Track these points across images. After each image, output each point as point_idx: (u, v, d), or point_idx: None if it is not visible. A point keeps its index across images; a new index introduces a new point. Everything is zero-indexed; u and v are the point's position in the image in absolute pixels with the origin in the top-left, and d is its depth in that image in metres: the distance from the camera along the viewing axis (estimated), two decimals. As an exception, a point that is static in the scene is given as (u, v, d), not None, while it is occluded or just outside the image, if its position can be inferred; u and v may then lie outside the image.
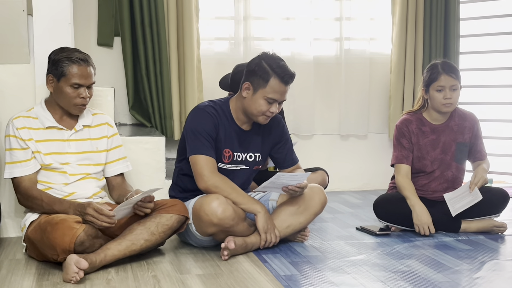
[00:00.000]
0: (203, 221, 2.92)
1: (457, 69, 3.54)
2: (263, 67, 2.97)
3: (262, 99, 2.98)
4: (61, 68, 2.93)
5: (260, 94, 2.98)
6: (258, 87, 2.98)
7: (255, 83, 2.99)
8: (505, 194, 3.55)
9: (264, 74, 2.97)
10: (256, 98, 2.99)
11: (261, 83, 2.97)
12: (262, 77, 2.97)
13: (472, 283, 2.62)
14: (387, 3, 5.02)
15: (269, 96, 2.97)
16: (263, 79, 2.97)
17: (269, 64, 2.97)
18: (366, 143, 5.17)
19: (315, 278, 2.68)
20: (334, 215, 4.06)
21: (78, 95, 2.96)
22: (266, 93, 2.97)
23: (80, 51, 3.00)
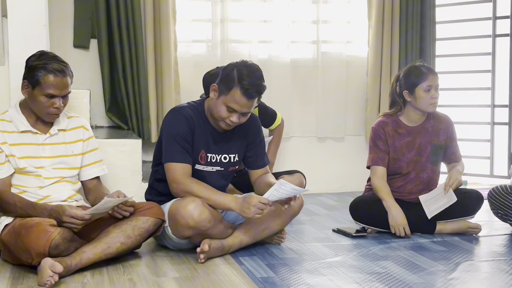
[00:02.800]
0: (180, 224, 2.92)
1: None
2: (231, 75, 2.95)
3: (223, 105, 2.96)
4: (37, 76, 2.88)
5: (222, 100, 2.96)
6: (222, 93, 2.97)
7: (221, 88, 2.98)
8: (480, 196, 3.60)
9: (229, 82, 2.94)
10: (219, 103, 2.98)
11: (225, 90, 2.96)
12: (227, 85, 2.95)
13: (447, 284, 2.64)
14: (363, 6, 5.05)
15: (229, 105, 2.95)
16: (227, 86, 2.95)
17: (240, 74, 2.93)
18: (343, 145, 5.20)
19: (291, 280, 2.69)
20: (311, 217, 4.07)
21: (51, 105, 2.92)
22: (227, 101, 2.95)
23: (58, 60, 2.93)
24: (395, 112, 3.63)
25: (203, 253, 2.91)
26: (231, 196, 3.02)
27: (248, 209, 2.89)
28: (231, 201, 2.96)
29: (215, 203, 2.96)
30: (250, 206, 2.89)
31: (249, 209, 2.89)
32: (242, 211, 2.92)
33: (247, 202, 2.91)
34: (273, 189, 2.91)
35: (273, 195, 2.92)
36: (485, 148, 5.33)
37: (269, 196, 2.92)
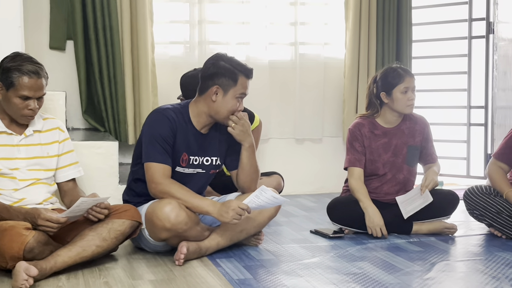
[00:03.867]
0: (156, 226, 2.90)
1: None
2: (227, 68, 2.99)
3: (233, 99, 3.01)
4: (11, 78, 2.85)
5: (232, 94, 3.00)
6: (229, 88, 3.00)
7: (224, 84, 2.99)
8: (455, 196, 3.63)
9: (231, 74, 2.99)
10: (228, 99, 3.01)
11: (231, 83, 2.99)
12: (231, 77, 2.99)
13: (423, 284, 2.66)
14: (341, 8, 5.07)
15: (239, 93, 3.01)
16: (232, 78, 2.99)
17: (231, 64, 3.01)
18: (321, 147, 5.22)
19: (268, 281, 2.69)
20: (289, 218, 4.08)
21: (26, 107, 2.89)
22: (237, 91, 3.01)
23: (33, 62, 2.90)
24: (371, 113, 3.65)
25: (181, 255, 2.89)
26: (209, 200, 3.01)
27: (227, 213, 2.89)
28: (209, 205, 2.96)
29: (193, 206, 2.95)
30: (228, 210, 2.88)
31: (227, 213, 2.89)
32: (220, 215, 2.91)
33: (226, 206, 2.90)
34: (253, 195, 2.91)
35: (253, 201, 2.92)
36: (461, 149, 5.37)
37: (249, 202, 2.91)
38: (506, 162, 3.51)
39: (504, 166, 3.52)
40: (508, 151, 3.51)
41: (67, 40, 4.58)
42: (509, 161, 3.50)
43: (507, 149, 3.51)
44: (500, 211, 3.46)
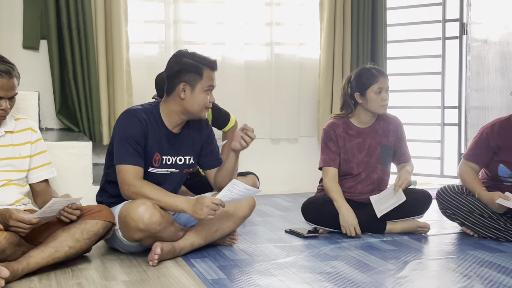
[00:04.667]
0: (130, 227, 2.89)
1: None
2: (191, 63, 2.99)
3: (202, 93, 3.01)
4: None
5: (200, 88, 3.00)
6: (195, 82, 3.00)
7: (190, 80, 2.99)
8: (428, 196, 3.66)
9: (196, 69, 2.99)
10: (197, 94, 3.00)
11: (197, 78, 2.99)
12: (196, 72, 2.99)
13: (395, 283, 2.68)
14: (316, 9, 5.09)
15: (206, 86, 3.01)
16: (197, 73, 2.99)
17: (193, 59, 3.01)
18: (296, 147, 5.23)
19: (242, 281, 2.69)
20: (264, 218, 4.08)
21: None
22: (204, 85, 3.00)
23: (4, 61, 2.86)
24: (346, 114, 3.67)
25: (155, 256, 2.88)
26: (182, 197, 3.00)
27: (201, 210, 2.89)
28: (183, 202, 2.95)
29: (166, 205, 2.94)
30: (202, 207, 2.88)
31: (201, 210, 2.89)
32: (195, 212, 2.91)
33: (199, 203, 2.90)
34: (226, 189, 2.92)
35: (226, 195, 2.92)
36: (435, 148, 5.43)
37: (222, 196, 2.92)
38: (476, 162, 3.55)
39: (475, 166, 3.56)
40: (477, 151, 3.55)
41: (41, 40, 4.54)
42: (479, 161, 3.55)
43: (476, 150, 3.56)
44: (472, 210, 3.50)
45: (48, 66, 4.48)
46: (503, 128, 3.51)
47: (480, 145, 3.54)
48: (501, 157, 3.49)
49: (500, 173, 3.49)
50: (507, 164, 3.47)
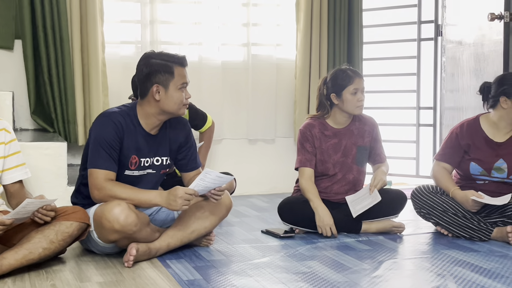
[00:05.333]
0: (105, 228, 2.87)
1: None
2: (160, 63, 2.98)
3: (177, 91, 2.99)
4: None
5: (173, 87, 2.99)
6: (168, 82, 2.98)
7: (162, 80, 2.98)
8: (403, 196, 3.69)
9: (166, 68, 2.98)
10: (172, 93, 2.99)
11: (168, 77, 2.98)
12: (166, 71, 2.97)
13: (370, 282, 2.70)
14: (292, 10, 5.11)
15: (180, 84, 2.99)
16: (168, 72, 2.98)
17: (161, 58, 3.00)
18: (273, 147, 5.24)
19: (217, 282, 2.69)
20: (241, 218, 4.09)
21: None
22: (177, 83, 2.99)
23: None
24: (322, 114, 3.69)
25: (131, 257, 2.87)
26: (155, 191, 2.99)
27: (175, 201, 2.89)
28: (156, 196, 2.95)
29: (140, 202, 2.93)
30: (176, 198, 2.88)
31: (175, 202, 2.89)
32: (169, 204, 2.91)
33: (173, 194, 2.90)
34: (198, 179, 2.93)
35: (199, 184, 2.93)
36: (411, 149, 5.47)
37: (195, 186, 2.93)
38: (448, 162, 3.59)
39: (447, 166, 3.60)
40: (448, 151, 3.60)
41: (15, 39, 4.49)
42: (451, 161, 3.59)
43: (447, 150, 3.60)
44: (446, 209, 3.54)
45: (23, 66, 4.44)
46: (472, 127, 3.57)
47: (450, 145, 3.59)
48: (472, 155, 3.54)
49: (472, 171, 3.54)
50: (478, 162, 3.52)
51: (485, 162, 3.51)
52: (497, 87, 3.50)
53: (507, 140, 3.53)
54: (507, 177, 3.51)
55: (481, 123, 3.57)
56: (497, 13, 4.57)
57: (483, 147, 3.53)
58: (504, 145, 3.52)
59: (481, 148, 3.52)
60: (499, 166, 3.50)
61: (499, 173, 3.51)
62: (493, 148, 3.52)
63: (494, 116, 3.54)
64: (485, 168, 3.51)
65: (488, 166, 3.51)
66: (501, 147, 3.52)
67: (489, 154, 3.51)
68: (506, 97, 3.46)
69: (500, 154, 3.51)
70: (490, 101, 3.55)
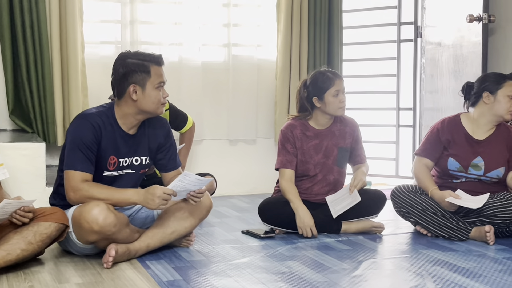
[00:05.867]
0: (84, 229, 2.85)
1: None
2: (136, 63, 2.97)
3: (154, 90, 2.98)
4: None
5: (150, 86, 2.98)
6: (145, 81, 2.97)
7: (139, 80, 2.96)
8: (382, 196, 3.72)
9: (142, 67, 2.97)
10: (149, 93, 2.98)
11: (145, 76, 2.97)
12: (143, 71, 2.96)
13: (349, 282, 2.71)
14: (273, 11, 5.11)
15: (157, 83, 2.98)
16: (144, 71, 2.96)
17: (137, 58, 2.99)
18: (254, 148, 5.24)
19: (197, 282, 2.68)
20: (222, 219, 4.08)
21: None
22: (154, 82, 2.98)
23: None
24: (303, 116, 3.69)
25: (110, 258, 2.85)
26: (132, 189, 2.98)
27: (153, 200, 2.88)
28: (134, 194, 2.94)
29: (117, 201, 2.92)
30: (154, 197, 2.88)
31: (153, 201, 2.88)
32: (147, 203, 2.90)
33: (151, 193, 2.90)
34: (177, 180, 2.92)
35: (178, 185, 2.93)
36: (391, 149, 5.51)
37: (173, 186, 2.92)
38: (428, 157, 3.62)
39: (428, 162, 3.63)
40: (428, 146, 3.63)
41: (-6, 39, 4.45)
42: (431, 156, 3.62)
43: (427, 145, 3.64)
44: (426, 209, 3.57)
45: (1, 66, 4.39)
46: (452, 124, 3.62)
47: (431, 141, 3.63)
48: (451, 151, 3.58)
49: (450, 166, 3.58)
50: (456, 158, 3.56)
51: (463, 158, 3.55)
52: (480, 83, 3.59)
53: (486, 138, 3.58)
54: (484, 174, 3.55)
55: (462, 120, 3.63)
56: (475, 15, 4.62)
57: (463, 144, 3.57)
58: (483, 143, 3.57)
59: (460, 145, 3.57)
60: (476, 163, 3.55)
61: (475, 170, 3.55)
62: (472, 145, 3.57)
63: (475, 113, 3.60)
64: (463, 165, 3.55)
65: (466, 163, 3.55)
66: (480, 144, 3.57)
67: (467, 151, 3.56)
68: (489, 92, 3.52)
69: (478, 151, 3.55)
70: (472, 98, 3.61)
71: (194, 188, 3.00)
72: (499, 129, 3.61)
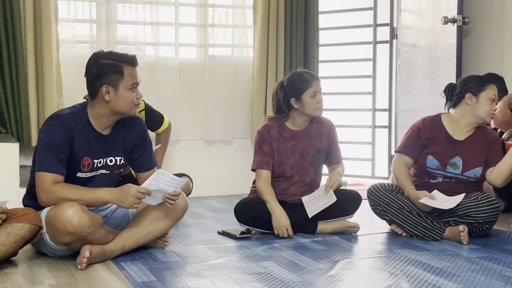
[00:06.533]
0: (58, 230, 2.83)
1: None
2: (109, 64, 2.94)
3: (127, 91, 2.96)
4: None
5: (123, 87, 2.95)
6: (118, 83, 2.95)
7: (112, 81, 2.94)
8: (358, 196, 3.74)
9: (115, 68, 2.94)
10: (122, 94, 2.95)
11: (118, 78, 2.94)
12: (116, 72, 2.94)
13: (324, 282, 2.72)
14: (249, 11, 5.12)
15: (130, 84, 2.96)
16: (117, 72, 2.94)
17: (111, 58, 2.96)
18: (231, 149, 5.24)
19: (172, 283, 2.68)
20: (198, 220, 4.07)
21: None
22: (127, 83, 2.96)
23: None
24: (280, 118, 3.70)
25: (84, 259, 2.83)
26: (105, 188, 2.97)
27: (126, 199, 2.87)
28: (106, 193, 2.92)
29: (91, 201, 2.90)
30: (128, 196, 2.87)
31: (127, 199, 2.87)
32: (120, 202, 2.89)
33: (125, 191, 2.88)
34: (151, 179, 2.91)
35: (152, 184, 2.92)
36: (366, 150, 5.54)
37: (147, 185, 2.91)
38: (409, 154, 3.65)
39: (408, 160, 3.66)
40: (409, 144, 3.66)
41: (-33, 38, 4.40)
42: (411, 154, 3.65)
43: (408, 142, 3.67)
44: (401, 207, 3.59)
45: (-25, 66, 4.35)
46: (433, 123, 3.67)
47: (411, 138, 3.66)
48: (431, 149, 3.61)
49: (429, 164, 3.61)
50: (435, 156, 3.60)
51: (442, 156, 3.59)
52: (463, 85, 3.64)
53: (466, 139, 3.63)
54: (461, 173, 3.59)
55: (443, 120, 3.68)
56: (450, 16, 4.67)
57: (443, 142, 3.61)
58: (462, 143, 3.62)
59: (440, 143, 3.61)
60: (454, 162, 3.59)
61: (453, 168, 3.59)
62: (452, 144, 3.61)
63: (456, 113, 3.65)
64: (441, 163, 3.59)
65: (445, 161, 3.59)
66: (459, 144, 3.61)
67: (447, 150, 3.60)
68: (471, 93, 3.56)
69: (457, 151, 3.60)
70: (454, 98, 3.65)
71: (169, 189, 2.99)
72: (478, 130, 3.66)
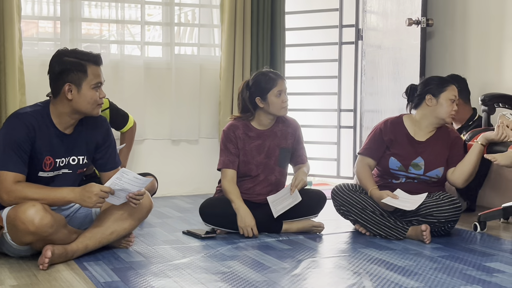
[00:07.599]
0: (19, 230, 2.79)
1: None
2: (73, 62, 2.91)
3: (90, 91, 2.93)
4: None
5: (86, 86, 2.92)
6: (81, 81, 2.91)
7: (75, 79, 2.91)
8: (322, 196, 3.76)
9: (79, 67, 2.91)
10: (85, 93, 2.92)
11: (81, 76, 2.91)
12: (79, 70, 2.90)
13: (288, 281, 2.73)
14: (216, 11, 5.11)
15: (93, 83, 2.93)
16: (81, 71, 2.91)
17: (75, 56, 2.93)
18: (197, 148, 5.22)
19: (136, 283, 2.66)
20: (163, 219, 4.05)
21: None
22: (90, 82, 2.92)
23: None
24: (246, 117, 3.70)
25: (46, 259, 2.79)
26: (67, 188, 2.93)
27: (89, 198, 2.85)
28: (69, 192, 2.89)
29: (53, 200, 2.87)
30: (91, 195, 2.85)
31: (90, 198, 2.85)
32: (83, 201, 2.87)
33: (88, 191, 2.86)
34: (114, 178, 2.90)
35: (115, 183, 2.90)
36: (332, 150, 5.57)
37: (111, 184, 2.89)
38: (371, 156, 3.69)
39: (370, 161, 3.69)
40: (371, 145, 3.70)
41: None
42: (374, 155, 3.69)
43: (370, 144, 3.71)
44: (365, 207, 3.63)
45: None
46: (395, 124, 3.71)
47: (374, 140, 3.70)
48: (393, 151, 3.65)
49: (391, 165, 3.65)
50: (397, 157, 3.64)
51: (404, 158, 3.63)
52: (424, 86, 3.68)
53: (427, 140, 3.68)
54: (423, 174, 3.64)
55: (404, 121, 3.72)
56: (414, 18, 4.72)
57: (404, 144, 3.65)
58: (423, 144, 3.66)
59: (402, 145, 3.65)
60: (416, 163, 3.63)
61: (416, 169, 3.64)
62: (414, 145, 3.66)
63: (418, 115, 3.69)
64: (403, 164, 3.63)
65: (407, 162, 3.63)
66: (420, 145, 3.66)
67: (409, 151, 3.64)
68: (432, 95, 3.60)
69: (419, 152, 3.64)
70: (415, 99, 3.69)
71: (133, 188, 2.97)
72: (440, 130, 3.71)
